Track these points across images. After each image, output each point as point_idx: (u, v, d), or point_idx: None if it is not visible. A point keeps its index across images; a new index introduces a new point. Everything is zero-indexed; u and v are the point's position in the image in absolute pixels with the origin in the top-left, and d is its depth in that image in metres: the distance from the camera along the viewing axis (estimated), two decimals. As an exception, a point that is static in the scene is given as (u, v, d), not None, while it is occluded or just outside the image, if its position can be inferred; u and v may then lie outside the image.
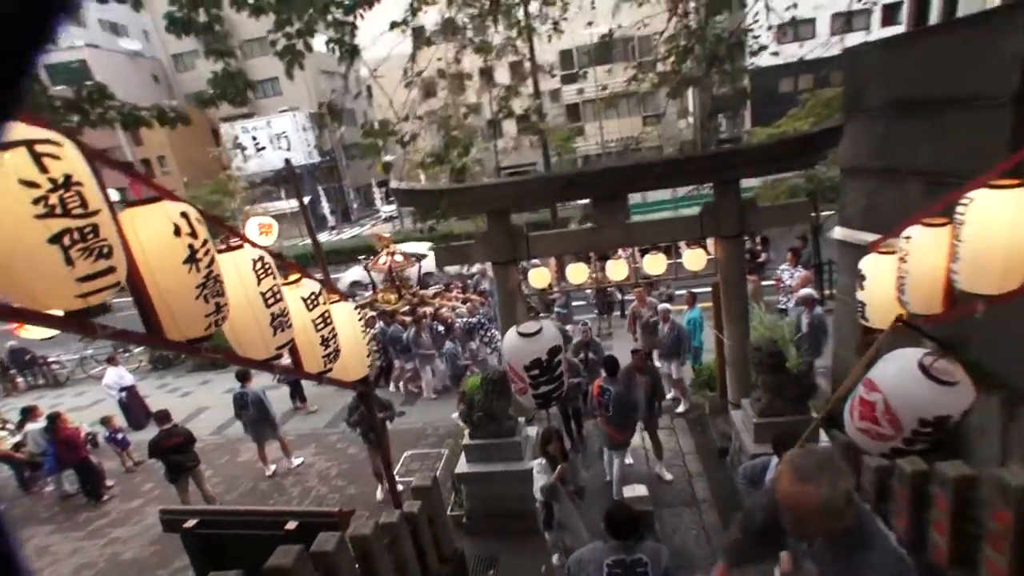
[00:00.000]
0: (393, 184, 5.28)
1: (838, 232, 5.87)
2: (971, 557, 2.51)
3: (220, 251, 1.91)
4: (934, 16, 5.40)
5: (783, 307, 8.12)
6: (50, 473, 7.28)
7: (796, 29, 24.22)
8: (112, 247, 1.37)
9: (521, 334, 3.60)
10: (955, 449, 3.32)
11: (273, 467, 7.21)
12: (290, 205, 30.06)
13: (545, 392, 3.69)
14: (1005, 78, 3.71)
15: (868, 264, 3.13)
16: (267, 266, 2.10)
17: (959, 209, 2.26)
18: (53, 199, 1.22)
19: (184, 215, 1.66)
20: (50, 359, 13.27)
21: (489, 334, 8.69)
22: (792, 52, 23.35)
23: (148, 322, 1.64)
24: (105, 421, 7.68)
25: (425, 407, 8.65)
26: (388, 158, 5.01)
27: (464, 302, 10.11)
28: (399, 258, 10.09)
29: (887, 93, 4.93)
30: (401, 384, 9.28)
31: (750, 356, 5.19)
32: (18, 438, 7.52)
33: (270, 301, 2.10)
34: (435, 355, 8.77)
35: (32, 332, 3.09)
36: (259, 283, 2.05)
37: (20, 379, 13.22)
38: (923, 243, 2.50)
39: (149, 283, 1.60)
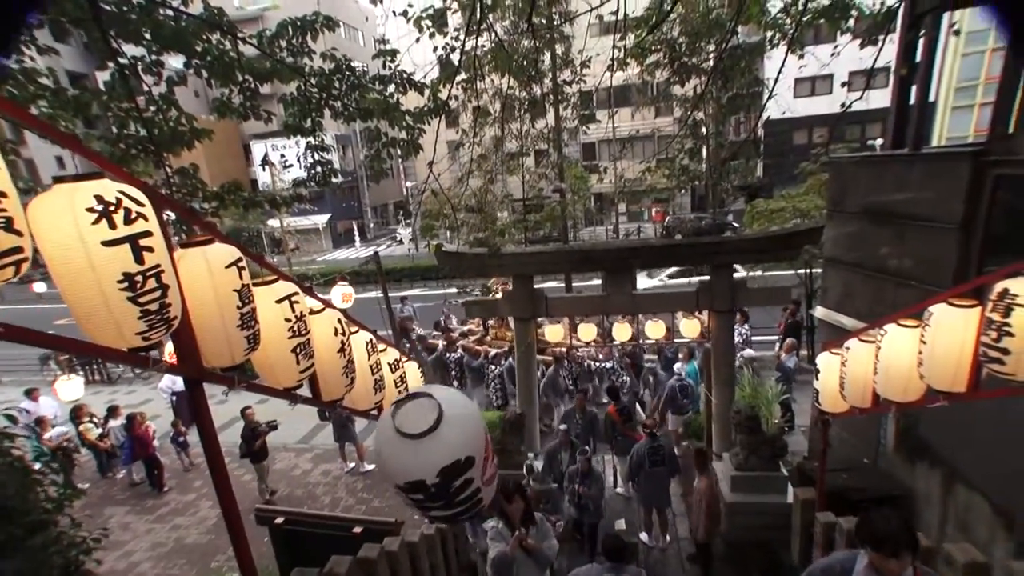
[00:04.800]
0: (445, 248, 6.28)
1: (819, 311, 6.74)
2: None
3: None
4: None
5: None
6: (125, 463, 8.56)
7: (813, 85, 25.41)
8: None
9: (401, 433, 1.59)
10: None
11: (352, 464, 8.51)
12: (315, 221, 31.60)
13: (439, 516, 1.93)
14: (955, 207, 4.54)
15: (822, 360, 3.94)
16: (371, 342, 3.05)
17: (924, 316, 2.58)
18: (297, 328, 2.10)
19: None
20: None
21: (620, 380, 8.66)
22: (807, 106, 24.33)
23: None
24: (173, 424, 8.80)
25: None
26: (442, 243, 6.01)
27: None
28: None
29: (861, 201, 5.77)
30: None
31: (731, 417, 5.90)
32: (101, 431, 8.67)
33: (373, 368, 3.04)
34: (564, 396, 8.56)
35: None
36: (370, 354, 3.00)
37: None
38: (897, 339, 2.77)
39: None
